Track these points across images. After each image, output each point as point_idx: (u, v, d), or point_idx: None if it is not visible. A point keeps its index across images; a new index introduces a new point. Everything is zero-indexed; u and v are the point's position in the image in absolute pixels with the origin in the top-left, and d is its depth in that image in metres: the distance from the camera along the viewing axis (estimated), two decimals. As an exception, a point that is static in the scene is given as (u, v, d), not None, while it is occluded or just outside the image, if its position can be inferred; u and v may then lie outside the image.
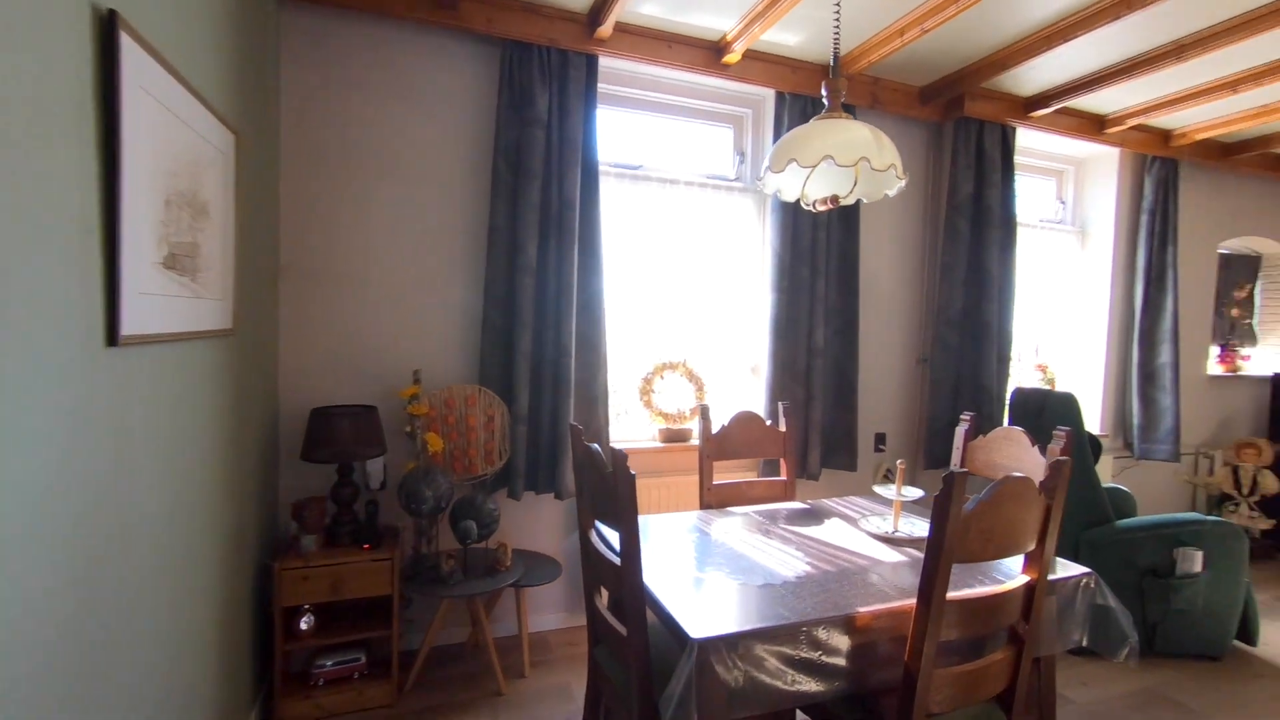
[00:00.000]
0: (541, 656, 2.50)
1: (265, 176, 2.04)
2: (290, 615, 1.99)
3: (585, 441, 1.60)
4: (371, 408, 2.18)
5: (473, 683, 2.29)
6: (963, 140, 3.07)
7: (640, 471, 2.73)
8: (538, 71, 2.38)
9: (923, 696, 1.26)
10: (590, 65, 2.48)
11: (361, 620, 2.11)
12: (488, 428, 2.39)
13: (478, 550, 2.36)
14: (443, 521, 2.40)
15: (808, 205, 1.84)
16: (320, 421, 2.04)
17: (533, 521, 2.64)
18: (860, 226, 2.97)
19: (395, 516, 2.37)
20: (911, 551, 1.76)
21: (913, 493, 1.90)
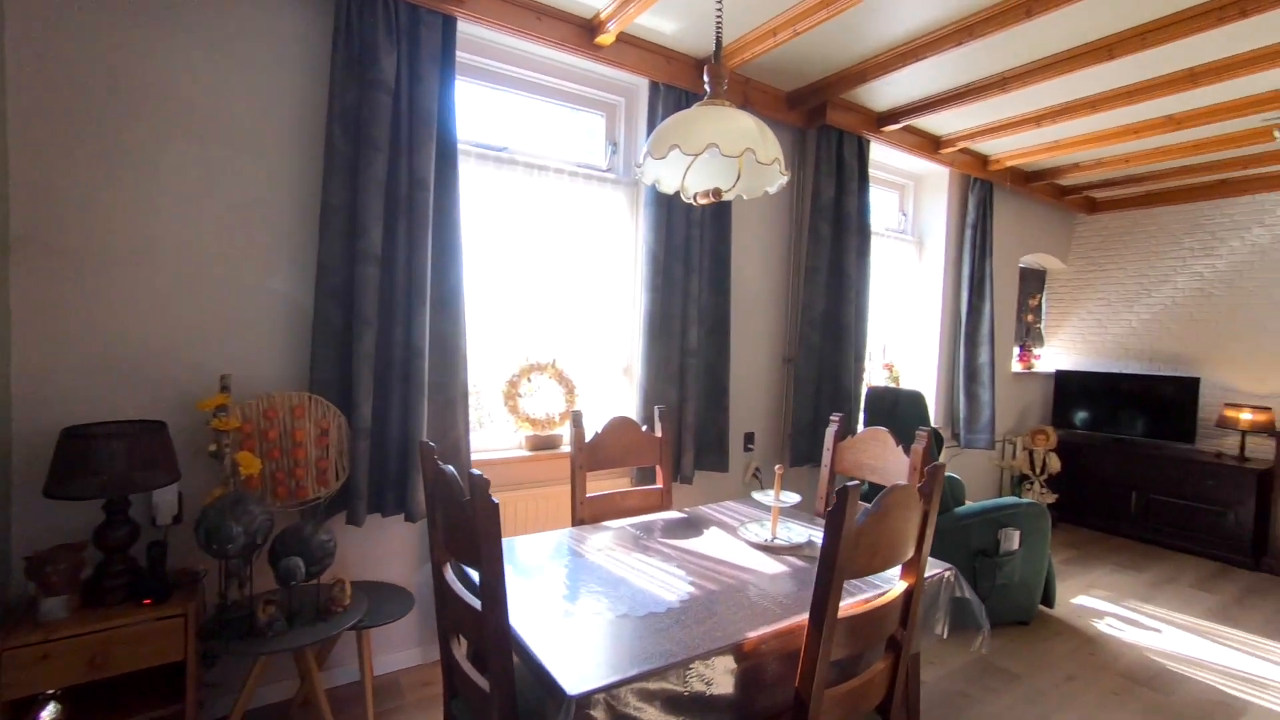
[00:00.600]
0: (391, 704, 2.17)
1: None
2: (21, 710, 1.49)
3: (439, 461, 1.35)
4: (158, 424, 1.72)
5: (301, 749, 1.92)
6: (825, 148, 3.18)
7: (505, 484, 2.48)
8: (383, 26, 2.04)
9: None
10: (447, 27, 2.18)
11: (142, 698, 1.65)
12: (320, 443, 2.01)
13: (308, 589, 1.97)
14: (262, 559, 1.98)
15: (688, 198, 1.73)
16: (77, 445, 1.56)
17: (379, 549, 2.29)
18: (732, 225, 2.96)
19: (197, 558, 1.91)
20: (791, 560, 1.72)
21: (790, 498, 1.88)
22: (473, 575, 1.47)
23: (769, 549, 1.79)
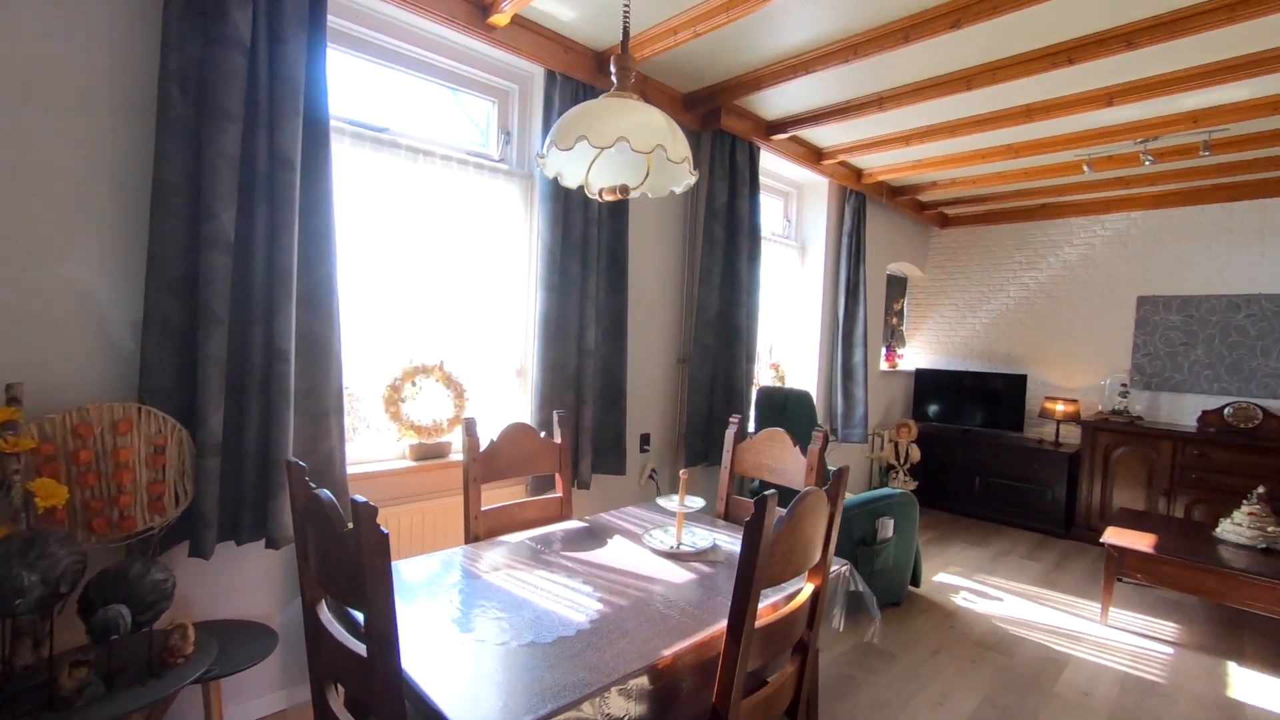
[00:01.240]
0: (247, 760, 1.88)
1: None
2: None
3: (310, 484, 1.16)
4: (-87, 448, 1.34)
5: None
6: (719, 152, 3.24)
7: (387, 498, 2.25)
8: (234, -27, 1.75)
9: (731, 737, 1.16)
10: (316, -15, 1.92)
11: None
12: (154, 463, 1.69)
13: (138, 640, 1.64)
14: (71, 610, 1.62)
15: (592, 193, 1.65)
16: None
17: (234, 582, 1.98)
18: (629, 224, 2.92)
19: (-26, 612, 1.52)
20: (698, 566, 1.70)
21: (695, 503, 1.86)
22: (353, 613, 1.29)
23: (675, 556, 1.76)
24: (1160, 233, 4.50)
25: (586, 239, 2.72)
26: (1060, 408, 4.69)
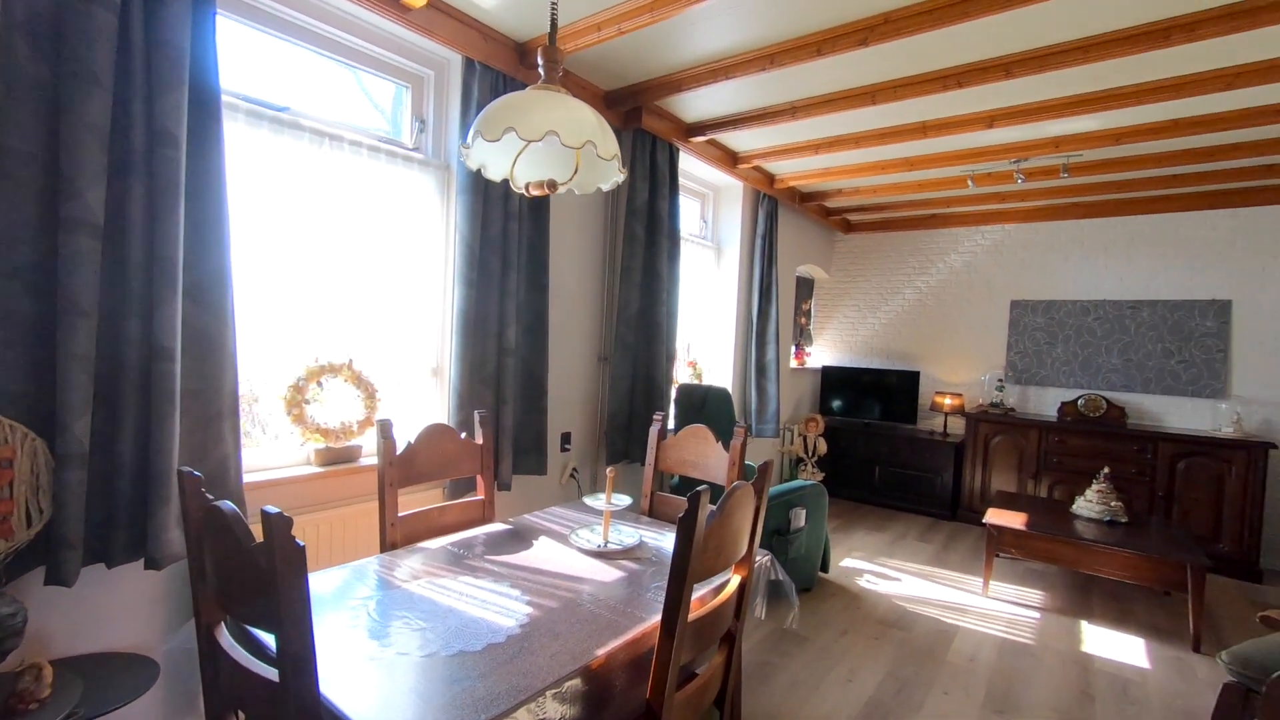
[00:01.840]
0: (122, 807, 1.67)
1: None
2: None
3: (208, 495, 1.05)
4: None
5: None
6: (640, 151, 3.26)
7: (292, 508, 2.09)
8: (102, -80, 1.54)
9: (665, 731, 1.18)
10: (204, -57, 1.74)
11: None
12: (1, 478, 1.46)
13: (-19, 682, 1.42)
14: (-108, 651, 1.37)
15: (518, 187, 1.61)
16: None
17: (104, 610, 1.75)
18: (550, 221, 2.87)
19: None
20: (626, 564, 1.70)
21: (622, 500, 1.86)
22: (259, 635, 1.19)
23: (603, 555, 1.75)
24: (1029, 244, 5.03)
25: (507, 234, 2.65)
26: (947, 401, 5.12)
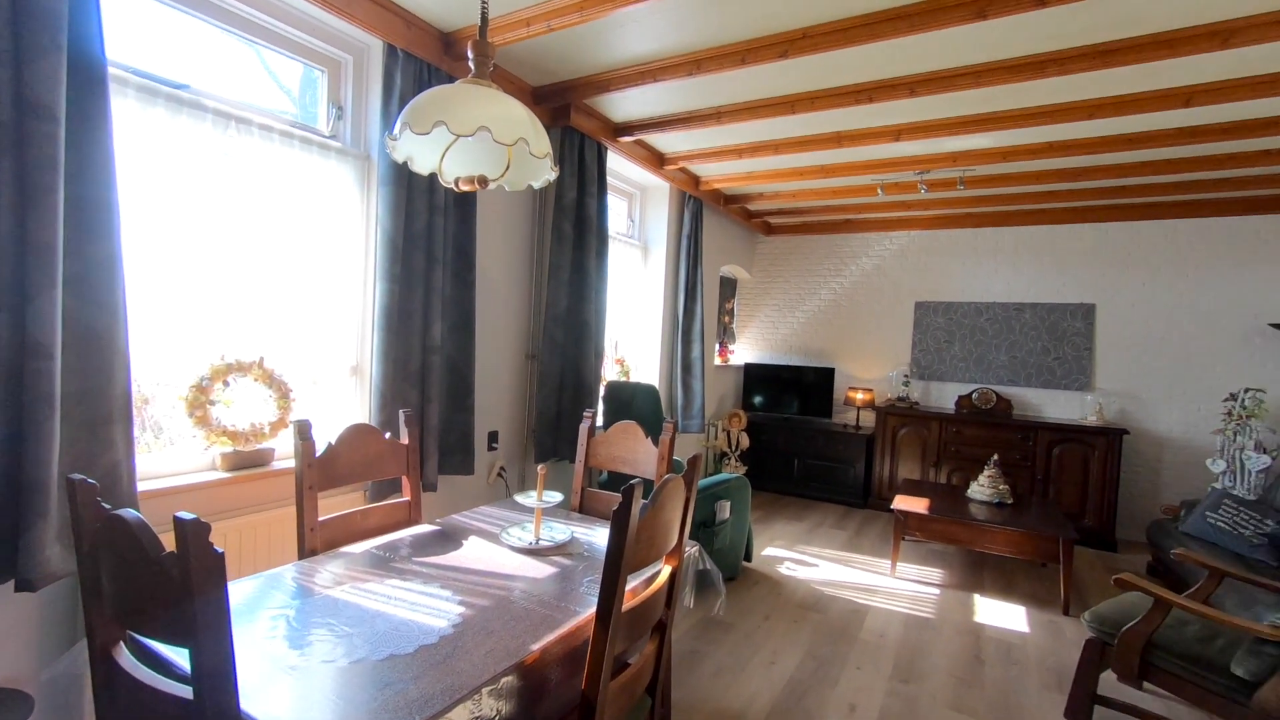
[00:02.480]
0: None
1: None
2: None
3: (103, 504, 0.98)
4: None
5: None
6: (569, 149, 3.26)
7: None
8: None
9: (601, 718, 1.20)
10: (88, -99, 1.58)
11: None
12: None
13: None
14: None
15: (447, 182, 1.58)
16: None
17: (-33, 636, 1.57)
18: (477, 217, 2.82)
19: None
20: (558, 560, 1.72)
21: (554, 497, 1.87)
22: (163, 652, 1.11)
23: (535, 552, 1.76)
24: (931, 249, 5.44)
25: (432, 229, 2.58)
26: (860, 396, 5.45)
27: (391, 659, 1.15)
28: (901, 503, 3.75)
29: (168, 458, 2.01)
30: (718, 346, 5.78)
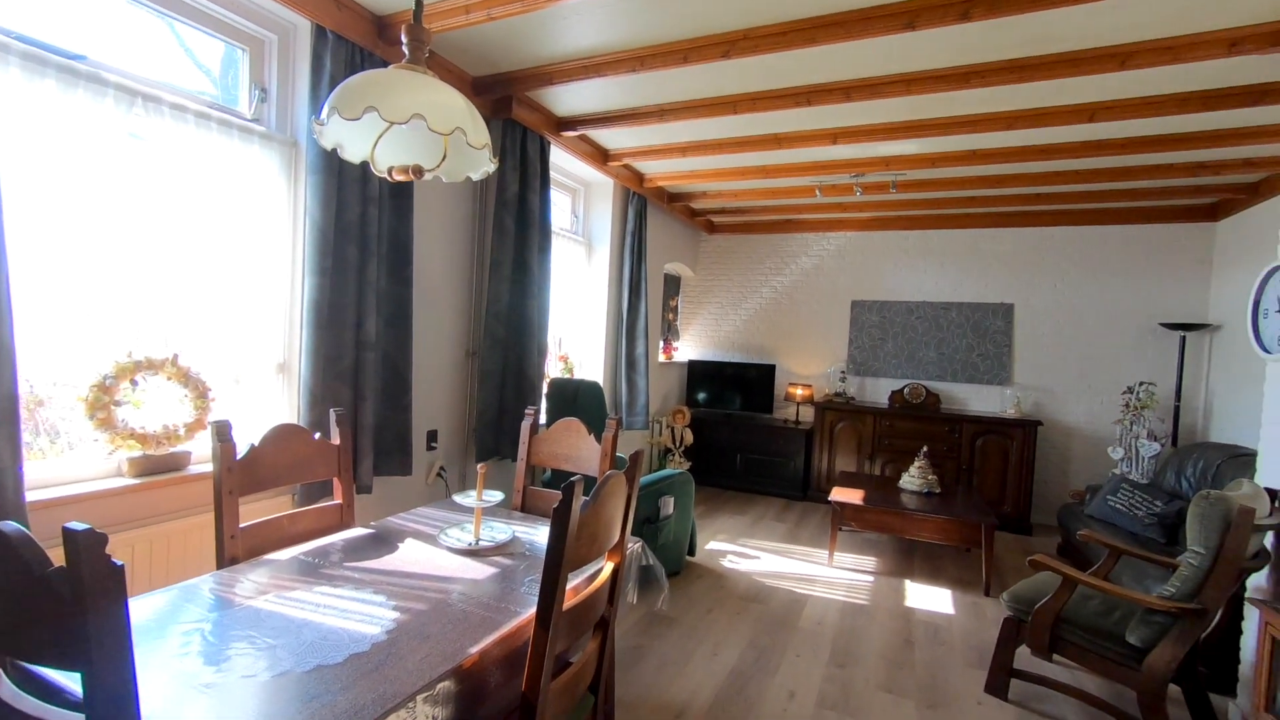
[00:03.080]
0: None
1: None
2: None
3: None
4: None
5: None
6: (511, 142, 3.20)
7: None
8: None
9: (543, 718, 1.18)
10: None
11: None
12: None
13: None
14: None
15: (379, 171, 1.51)
16: None
17: None
18: (414, 209, 2.73)
19: None
20: (499, 560, 1.68)
21: (494, 496, 1.83)
22: (51, 678, 1.02)
23: (475, 553, 1.71)
24: (866, 250, 5.65)
25: (365, 220, 2.47)
26: (799, 392, 5.61)
27: (319, 670, 1.10)
28: (838, 495, 3.89)
29: (65, 464, 1.84)
30: (662, 343, 5.82)
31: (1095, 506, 3.79)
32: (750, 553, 3.96)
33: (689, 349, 6.33)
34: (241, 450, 1.67)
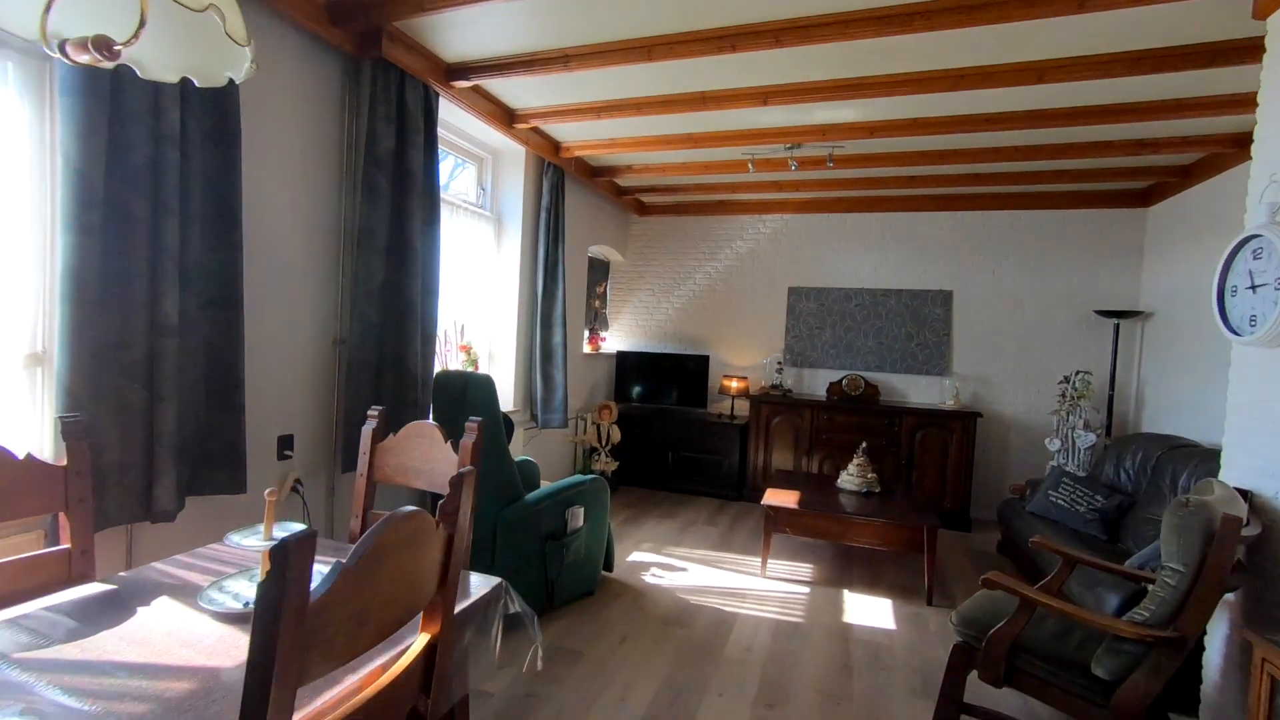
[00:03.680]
0: None
1: None
2: None
3: None
4: None
5: None
6: (382, 87, 2.64)
7: None
8: None
9: None
10: None
11: None
12: None
13: None
14: None
15: (52, 49, 0.98)
16: None
17: None
18: (243, 156, 2.15)
19: None
20: (280, 628, 1.18)
21: (290, 532, 1.32)
22: None
23: (249, 618, 1.20)
24: (803, 234, 5.35)
25: (160, 165, 1.89)
26: (734, 385, 5.26)
27: None
28: (772, 498, 3.54)
29: None
30: (587, 333, 5.35)
31: (1036, 503, 3.59)
32: (677, 564, 3.56)
33: (618, 340, 5.89)
34: None
